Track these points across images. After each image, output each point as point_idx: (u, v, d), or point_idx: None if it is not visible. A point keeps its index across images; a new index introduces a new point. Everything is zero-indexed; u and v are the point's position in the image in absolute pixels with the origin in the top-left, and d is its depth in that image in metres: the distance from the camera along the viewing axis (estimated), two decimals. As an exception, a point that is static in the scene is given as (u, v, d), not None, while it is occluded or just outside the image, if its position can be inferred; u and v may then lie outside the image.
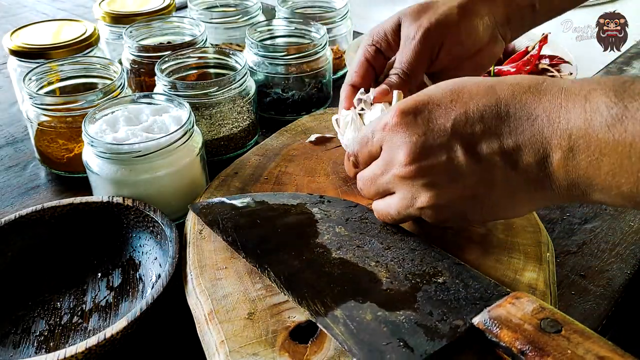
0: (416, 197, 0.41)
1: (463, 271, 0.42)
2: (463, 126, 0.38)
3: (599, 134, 0.33)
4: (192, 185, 0.57)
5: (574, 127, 0.34)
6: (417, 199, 0.41)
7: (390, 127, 0.41)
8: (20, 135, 0.77)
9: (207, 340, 0.40)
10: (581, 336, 0.34)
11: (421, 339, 0.37)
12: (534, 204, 0.41)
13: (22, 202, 0.64)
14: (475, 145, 0.38)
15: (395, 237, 0.46)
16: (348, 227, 0.48)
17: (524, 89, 0.37)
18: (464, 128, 0.38)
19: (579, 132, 0.34)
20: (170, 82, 0.63)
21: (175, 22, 0.81)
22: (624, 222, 0.58)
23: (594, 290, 0.50)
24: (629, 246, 0.55)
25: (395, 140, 0.41)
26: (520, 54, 0.83)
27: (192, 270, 0.45)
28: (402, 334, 0.37)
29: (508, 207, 0.40)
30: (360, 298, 0.40)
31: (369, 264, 0.44)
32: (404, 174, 0.41)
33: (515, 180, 0.38)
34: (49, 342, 0.46)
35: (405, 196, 0.42)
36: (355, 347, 0.36)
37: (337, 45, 0.91)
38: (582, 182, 0.35)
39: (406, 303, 0.40)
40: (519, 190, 0.38)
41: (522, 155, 0.37)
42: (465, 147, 0.38)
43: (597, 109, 0.33)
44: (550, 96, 0.36)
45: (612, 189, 0.34)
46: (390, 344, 0.36)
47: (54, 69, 0.67)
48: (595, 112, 0.33)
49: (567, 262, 0.53)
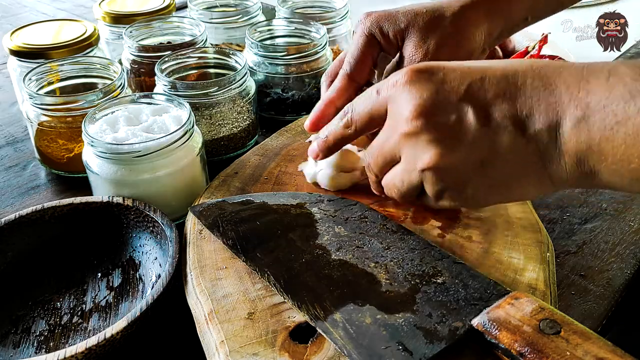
0: (419, 158, 0.39)
1: (462, 270, 0.42)
2: (477, 90, 0.37)
3: (618, 104, 0.32)
4: (192, 185, 0.57)
5: (593, 98, 0.33)
6: (419, 159, 0.39)
7: (401, 84, 0.39)
8: (20, 135, 0.77)
9: (207, 340, 0.40)
10: (580, 337, 0.34)
11: (420, 342, 0.37)
12: (538, 186, 0.38)
13: (22, 202, 0.64)
14: (487, 107, 0.37)
15: (395, 237, 0.46)
16: (347, 227, 0.48)
17: (543, 63, 0.37)
18: (478, 92, 0.37)
19: (597, 103, 0.33)
20: (170, 82, 0.63)
21: (175, 22, 0.81)
22: (624, 222, 0.58)
23: (594, 290, 0.50)
24: (629, 246, 0.55)
25: (403, 97, 0.39)
26: (521, 54, 0.83)
27: (192, 270, 0.45)
28: (401, 337, 0.37)
29: (512, 185, 0.39)
30: (359, 301, 0.40)
31: (368, 265, 0.44)
32: (408, 129, 0.38)
33: (523, 150, 0.36)
34: (49, 342, 0.46)
35: (408, 158, 0.40)
36: (355, 352, 0.36)
37: (337, 45, 0.91)
38: (592, 155, 0.34)
39: (405, 305, 0.40)
40: (526, 164, 0.37)
41: (534, 122, 0.36)
42: (477, 109, 0.37)
43: (621, 79, 0.32)
44: (573, 70, 0.35)
45: (623, 164, 0.33)
46: (389, 347, 0.36)
47: (54, 69, 0.67)
48: (619, 82, 0.32)
49: (567, 262, 0.53)
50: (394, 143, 0.40)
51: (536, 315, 0.36)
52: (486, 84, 0.37)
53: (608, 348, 0.33)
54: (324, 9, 0.92)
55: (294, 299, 0.41)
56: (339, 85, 0.53)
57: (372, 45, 0.53)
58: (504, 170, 0.38)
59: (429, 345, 0.36)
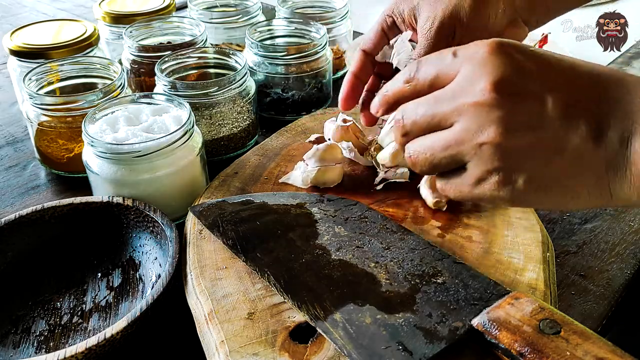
0: (482, 130, 0.35)
1: (462, 270, 0.42)
2: (563, 82, 0.36)
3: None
4: (192, 185, 0.57)
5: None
6: (482, 132, 0.35)
7: (483, 53, 0.36)
8: (20, 135, 0.77)
9: (207, 340, 0.40)
10: (580, 337, 0.34)
11: (420, 342, 0.37)
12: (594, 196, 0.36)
13: (22, 202, 0.64)
14: (565, 101, 0.35)
15: (395, 237, 0.46)
16: (348, 227, 0.48)
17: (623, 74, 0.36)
18: (562, 84, 0.36)
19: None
20: (170, 82, 0.63)
21: (175, 22, 0.81)
22: (624, 222, 0.58)
23: (594, 290, 0.50)
24: (629, 246, 0.55)
25: (482, 66, 0.36)
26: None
27: (192, 270, 0.45)
28: (401, 337, 0.37)
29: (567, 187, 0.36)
30: (359, 301, 0.40)
31: (368, 265, 0.44)
32: (479, 99, 0.36)
33: (592, 153, 0.35)
34: (49, 342, 0.46)
35: (469, 127, 0.36)
36: (355, 352, 0.36)
37: (337, 45, 0.91)
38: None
39: (405, 305, 0.40)
40: (590, 168, 0.36)
41: (609, 127, 0.35)
42: (558, 101, 0.35)
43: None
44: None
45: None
46: (389, 347, 0.36)
47: (54, 69, 0.67)
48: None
49: (567, 262, 0.53)
50: (452, 109, 0.37)
51: (536, 315, 0.36)
52: (572, 78, 0.36)
53: (608, 348, 0.33)
54: (324, 9, 0.92)
55: (294, 299, 0.41)
56: (356, 58, 0.55)
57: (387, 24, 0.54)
58: (565, 170, 0.36)
59: (429, 345, 0.36)
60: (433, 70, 0.39)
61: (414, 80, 0.40)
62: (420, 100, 0.39)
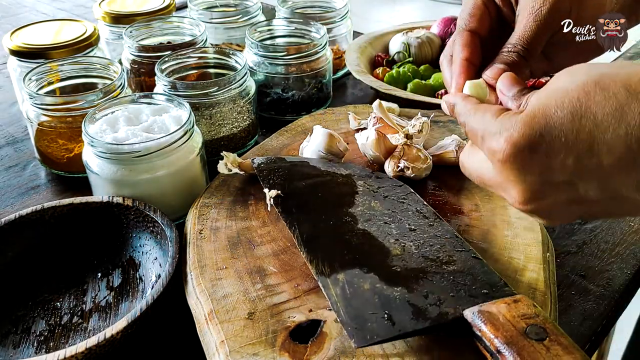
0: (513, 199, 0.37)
1: (477, 265, 0.43)
2: (588, 160, 0.32)
3: None
4: (192, 185, 0.57)
5: None
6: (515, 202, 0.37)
7: (501, 160, 0.35)
8: (20, 135, 0.77)
9: (207, 340, 0.40)
10: (563, 350, 0.33)
11: (406, 316, 0.38)
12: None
13: (22, 202, 0.64)
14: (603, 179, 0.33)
15: (425, 222, 0.48)
16: (384, 204, 0.50)
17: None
18: (589, 161, 0.32)
19: None
20: (170, 82, 0.63)
21: (175, 22, 0.81)
22: (624, 222, 0.58)
23: (594, 290, 0.50)
24: (629, 246, 0.55)
25: (506, 174, 0.36)
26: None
27: (192, 270, 0.45)
28: (391, 308, 0.38)
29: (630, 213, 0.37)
30: (365, 268, 0.42)
31: (388, 241, 0.45)
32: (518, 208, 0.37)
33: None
34: (49, 342, 0.46)
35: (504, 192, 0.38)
36: (343, 309, 0.38)
37: (337, 45, 0.91)
38: None
39: (407, 282, 0.41)
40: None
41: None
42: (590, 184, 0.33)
43: None
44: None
45: None
46: (375, 314, 0.38)
47: (54, 69, 0.67)
48: None
49: (567, 262, 0.53)
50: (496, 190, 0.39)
51: (527, 319, 0.35)
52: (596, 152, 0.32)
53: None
54: (324, 9, 0.92)
55: (308, 254, 0.43)
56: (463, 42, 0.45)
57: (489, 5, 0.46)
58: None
59: (412, 321, 0.37)
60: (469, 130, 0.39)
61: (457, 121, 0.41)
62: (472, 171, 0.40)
